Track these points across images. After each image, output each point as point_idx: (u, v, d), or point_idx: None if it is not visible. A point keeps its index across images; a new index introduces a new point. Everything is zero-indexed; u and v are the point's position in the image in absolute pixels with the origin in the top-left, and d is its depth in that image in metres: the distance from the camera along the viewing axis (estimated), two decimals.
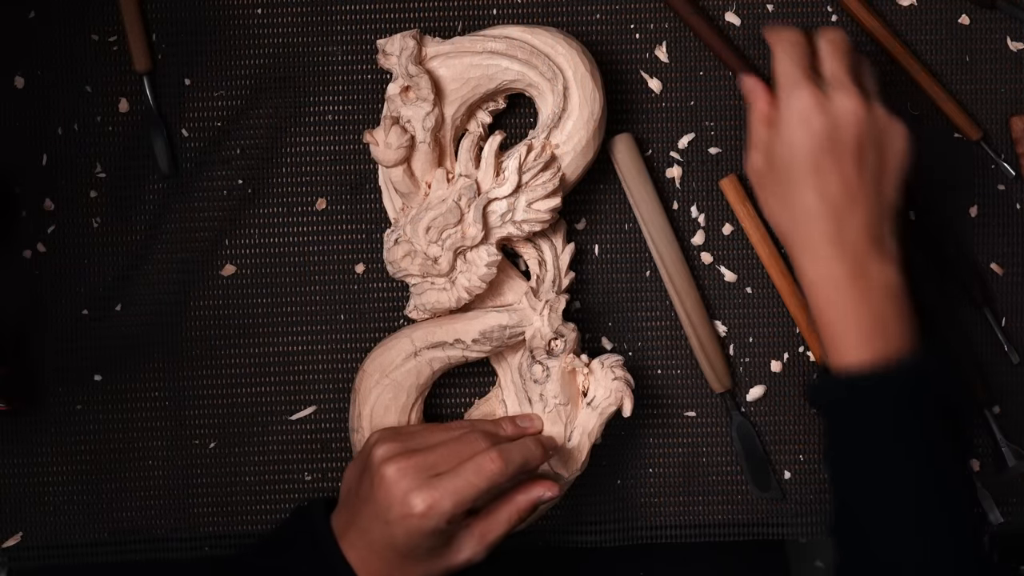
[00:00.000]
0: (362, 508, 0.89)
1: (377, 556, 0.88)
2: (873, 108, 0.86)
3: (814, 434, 1.01)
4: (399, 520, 0.86)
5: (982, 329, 1.01)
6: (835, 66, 0.86)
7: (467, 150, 0.94)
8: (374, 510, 0.88)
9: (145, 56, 0.99)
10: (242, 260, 1.01)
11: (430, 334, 0.96)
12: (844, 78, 0.86)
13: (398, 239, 0.95)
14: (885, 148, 0.86)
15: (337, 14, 1.00)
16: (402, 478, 0.87)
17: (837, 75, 0.86)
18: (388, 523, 0.87)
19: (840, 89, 0.85)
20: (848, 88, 0.85)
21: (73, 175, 1.00)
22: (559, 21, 0.99)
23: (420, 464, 0.87)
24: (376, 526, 0.88)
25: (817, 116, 0.84)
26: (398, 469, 0.87)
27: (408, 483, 0.86)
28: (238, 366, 1.01)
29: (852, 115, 0.85)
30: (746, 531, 1.02)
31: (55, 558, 1.01)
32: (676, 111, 1.00)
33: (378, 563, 0.89)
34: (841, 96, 0.85)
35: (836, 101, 0.85)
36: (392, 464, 0.87)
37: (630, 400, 0.94)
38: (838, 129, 0.85)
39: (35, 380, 1.00)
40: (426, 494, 0.86)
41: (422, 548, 0.87)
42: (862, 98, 0.85)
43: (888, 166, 0.86)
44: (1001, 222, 1.00)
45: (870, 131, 0.85)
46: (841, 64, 0.86)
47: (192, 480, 1.02)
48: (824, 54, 0.87)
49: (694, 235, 1.01)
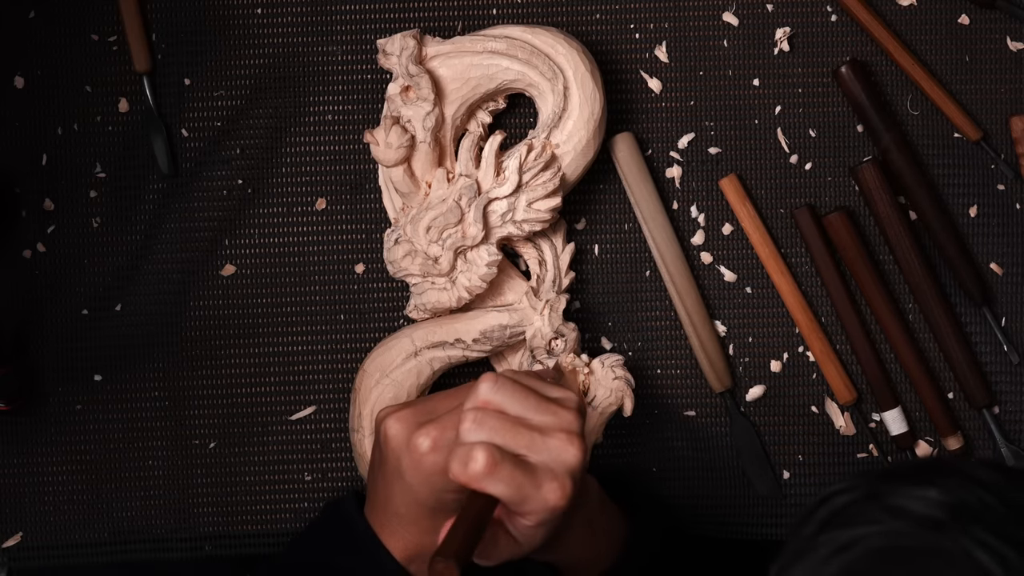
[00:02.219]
0: (380, 480, 0.87)
1: (408, 524, 0.86)
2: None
3: (814, 434, 1.01)
4: (413, 468, 0.83)
5: (982, 329, 1.01)
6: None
7: (467, 150, 0.94)
8: (389, 472, 0.85)
9: (145, 56, 0.99)
10: (242, 260, 1.01)
11: (430, 334, 0.96)
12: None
13: (398, 239, 0.95)
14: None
15: (337, 14, 1.00)
16: (403, 425, 0.84)
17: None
18: (403, 475, 0.84)
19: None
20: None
21: (73, 175, 1.00)
22: (559, 21, 0.99)
23: (419, 410, 0.85)
24: (397, 488, 0.85)
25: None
26: (397, 419, 0.84)
27: (409, 427, 0.84)
28: (238, 366, 1.01)
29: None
30: (746, 531, 1.02)
31: (55, 558, 1.01)
32: (676, 111, 1.00)
33: (413, 531, 0.86)
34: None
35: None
36: (391, 417, 0.85)
37: (631, 400, 0.94)
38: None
39: (35, 380, 1.00)
40: (428, 429, 0.83)
41: (448, 496, 0.84)
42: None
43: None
44: (1001, 222, 1.00)
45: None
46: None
47: (192, 480, 1.02)
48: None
49: (694, 235, 1.01)
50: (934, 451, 1.01)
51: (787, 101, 1.00)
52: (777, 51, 0.99)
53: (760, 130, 1.00)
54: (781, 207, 1.00)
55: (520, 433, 0.81)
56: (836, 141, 1.00)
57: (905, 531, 0.63)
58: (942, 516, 0.62)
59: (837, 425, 1.01)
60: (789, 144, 1.00)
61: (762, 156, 1.00)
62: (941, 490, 0.64)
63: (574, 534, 0.87)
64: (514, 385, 0.83)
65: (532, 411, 0.82)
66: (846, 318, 1.00)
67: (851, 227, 0.99)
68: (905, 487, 0.65)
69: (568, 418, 0.82)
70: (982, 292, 1.00)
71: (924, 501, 0.63)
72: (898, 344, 1.00)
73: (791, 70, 1.00)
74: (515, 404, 0.82)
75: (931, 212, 0.99)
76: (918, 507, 0.63)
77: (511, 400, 0.82)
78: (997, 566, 0.60)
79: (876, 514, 0.64)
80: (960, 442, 1.00)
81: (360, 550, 0.88)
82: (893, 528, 0.63)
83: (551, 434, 0.81)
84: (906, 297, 1.01)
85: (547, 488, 0.80)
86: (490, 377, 0.83)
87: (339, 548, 0.90)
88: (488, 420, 0.81)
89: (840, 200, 1.00)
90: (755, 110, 1.00)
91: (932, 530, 0.62)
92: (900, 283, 1.00)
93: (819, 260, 0.99)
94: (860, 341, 1.00)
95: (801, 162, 1.00)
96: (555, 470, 0.80)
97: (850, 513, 0.65)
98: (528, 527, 0.82)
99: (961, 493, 0.63)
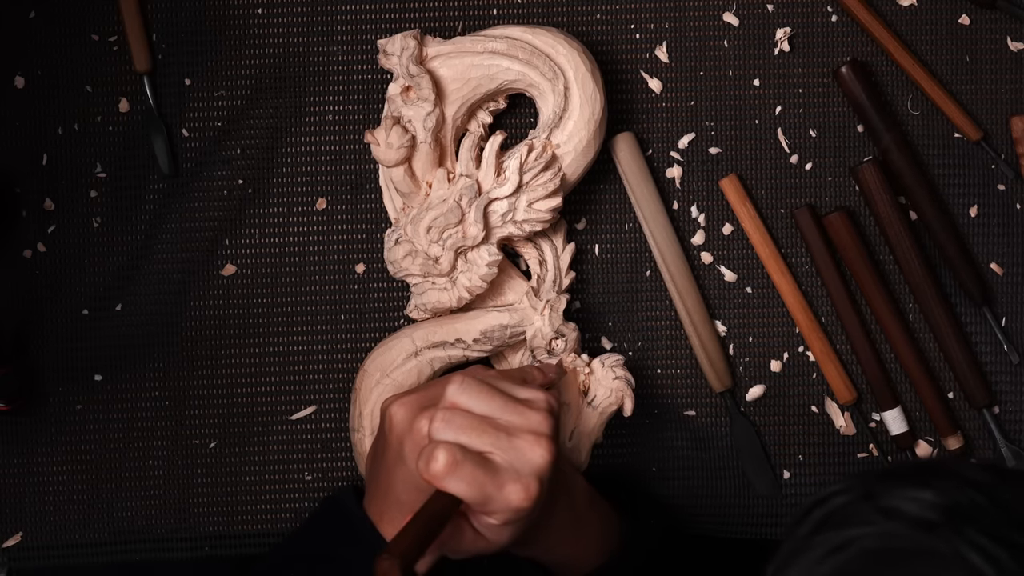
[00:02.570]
0: (381, 466, 0.86)
1: (410, 512, 0.84)
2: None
3: (814, 434, 1.02)
4: (415, 452, 0.83)
5: (982, 329, 1.01)
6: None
7: (468, 150, 0.94)
8: (391, 458, 0.85)
9: (145, 56, 0.99)
10: (242, 260, 1.01)
11: (431, 334, 0.96)
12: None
13: (399, 239, 0.95)
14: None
15: (337, 14, 1.00)
16: (406, 410, 0.84)
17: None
18: (405, 460, 0.83)
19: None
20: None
21: (73, 175, 1.00)
22: (559, 21, 0.99)
23: (422, 396, 0.85)
24: (399, 474, 0.85)
25: None
26: (401, 404, 0.85)
27: (412, 412, 0.84)
28: (238, 366, 1.01)
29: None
30: (746, 531, 1.02)
31: (55, 558, 1.01)
32: (676, 111, 1.00)
33: None
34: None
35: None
36: (395, 403, 0.85)
37: (631, 400, 0.94)
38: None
39: (35, 380, 1.00)
40: (431, 413, 0.83)
41: None
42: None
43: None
44: (1001, 222, 1.00)
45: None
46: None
47: (192, 480, 1.02)
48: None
49: (694, 235, 1.01)
50: (934, 451, 1.01)
51: (787, 101, 1.00)
52: (777, 51, 1.00)
53: (760, 130, 1.00)
54: (781, 207, 1.01)
55: (486, 432, 0.81)
56: (836, 141, 1.00)
57: (899, 532, 0.63)
58: (935, 518, 0.63)
59: (837, 425, 1.01)
60: (789, 144, 1.00)
61: (762, 156, 1.00)
62: (935, 492, 0.64)
63: (556, 533, 0.87)
64: (480, 385, 0.83)
65: (499, 411, 0.82)
66: (846, 318, 1.00)
67: (851, 227, 0.99)
68: (900, 488, 0.65)
69: (536, 419, 0.82)
70: (982, 292, 1.00)
71: (918, 503, 0.64)
72: (898, 344, 1.00)
73: (791, 70, 1.00)
74: (481, 404, 0.82)
75: (931, 212, 0.99)
76: (912, 508, 0.63)
77: (477, 400, 0.82)
78: (990, 568, 0.60)
79: (870, 515, 0.64)
80: (960, 442, 1.00)
81: (359, 540, 0.88)
82: (887, 529, 0.63)
83: (518, 435, 0.81)
84: (906, 297, 1.01)
85: (510, 489, 0.80)
86: (456, 378, 0.83)
87: (337, 539, 0.90)
88: (456, 419, 0.81)
89: (840, 200, 1.00)
90: (755, 110, 1.00)
91: (925, 531, 0.62)
92: (900, 283, 1.01)
93: (819, 260, 0.99)
94: (860, 341, 1.00)
95: (801, 162, 1.00)
96: (520, 471, 0.80)
97: (845, 514, 0.65)
98: (493, 525, 0.81)
99: (955, 495, 0.64)
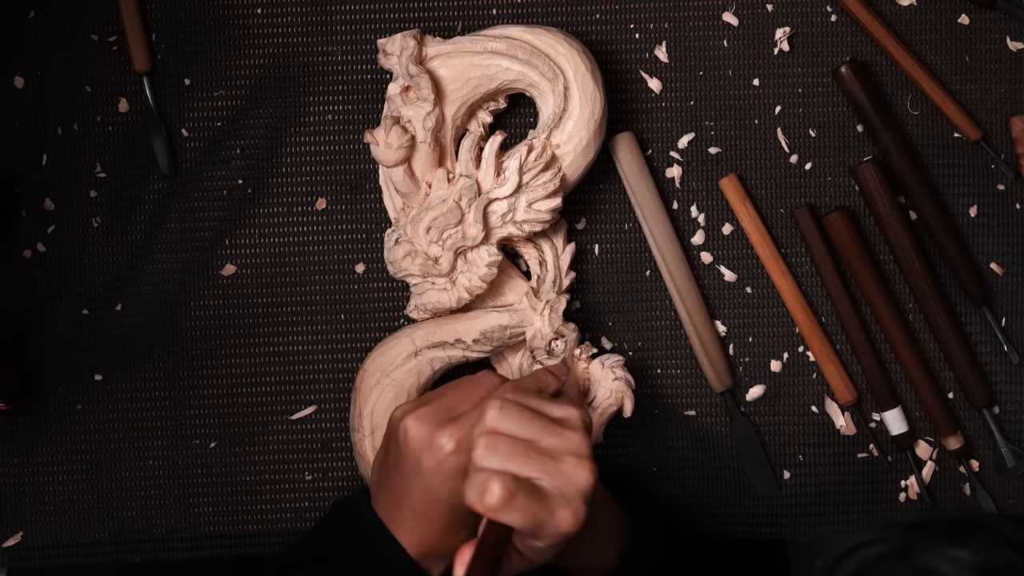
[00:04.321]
0: (395, 477, 0.87)
1: (426, 521, 0.86)
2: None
3: (814, 434, 1.01)
4: (434, 468, 0.84)
5: (982, 329, 1.01)
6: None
7: (468, 150, 0.94)
8: (407, 471, 0.85)
9: (145, 56, 0.99)
10: (242, 260, 1.01)
11: (431, 334, 0.96)
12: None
13: (399, 239, 0.95)
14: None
15: (337, 14, 1.00)
16: (424, 425, 0.85)
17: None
18: (423, 475, 0.84)
19: None
20: None
21: (73, 175, 1.00)
22: (559, 21, 0.99)
23: (437, 409, 0.85)
24: (414, 486, 0.85)
25: None
26: (417, 418, 0.85)
27: (430, 427, 0.84)
28: (238, 366, 1.01)
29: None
30: (746, 531, 1.02)
31: (55, 558, 1.01)
32: (676, 111, 1.00)
33: (429, 528, 0.86)
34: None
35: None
36: (410, 417, 0.85)
37: (631, 400, 0.94)
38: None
39: (35, 380, 1.00)
40: (452, 430, 0.83)
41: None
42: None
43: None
44: (1001, 222, 1.00)
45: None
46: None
47: (192, 480, 1.02)
48: None
49: (694, 235, 1.01)
50: (934, 451, 1.01)
51: (787, 101, 1.00)
52: (777, 51, 1.00)
53: (760, 130, 1.00)
54: (781, 207, 1.01)
55: (531, 459, 0.81)
56: (836, 141, 1.00)
57: None
58: None
59: (837, 425, 1.01)
60: (789, 144, 1.00)
61: (762, 156, 1.00)
62: (972, 551, 0.63)
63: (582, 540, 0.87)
64: (520, 409, 0.83)
65: (540, 434, 0.82)
66: (846, 318, 1.00)
67: (851, 227, 0.99)
68: (937, 545, 0.64)
69: (576, 440, 0.83)
70: (982, 292, 1.00)
71: (955, 563, 0.63)
72: (898, 344, 1.00)
73: (791, 70, 1.00)
74: (523, 428, 0.82)
75: (931, 212, 0.99)
76: (949, 569, 0.63)
77: (519, 425, 0.82)
78: None
79: (906, 574, 0.63)
80: (960, 442, 1.00)
81: (369, 541, 0.88)
82: None
83: (562, 458, 0.82)
84: (906, 297, 1.01)
85: (560, 515, 0.80)
86: (496, 403, 0.83)
87: (348, 540, 0.90)
88: (500, 446, 0.81)
89: (840, 200, 1.00)
90: (755, 110, 1.00)
91: None
92: (900, 283, 1.01)
93: (819, 260, 0.99)
94: (860, 341, 1.00)
95: (801, 162, 1.00)
96: (567, 495, 0.81)
97: (880, 571, 0.65)
98: (540, 548, 0.82)
99: (991, 555, 0.63)
